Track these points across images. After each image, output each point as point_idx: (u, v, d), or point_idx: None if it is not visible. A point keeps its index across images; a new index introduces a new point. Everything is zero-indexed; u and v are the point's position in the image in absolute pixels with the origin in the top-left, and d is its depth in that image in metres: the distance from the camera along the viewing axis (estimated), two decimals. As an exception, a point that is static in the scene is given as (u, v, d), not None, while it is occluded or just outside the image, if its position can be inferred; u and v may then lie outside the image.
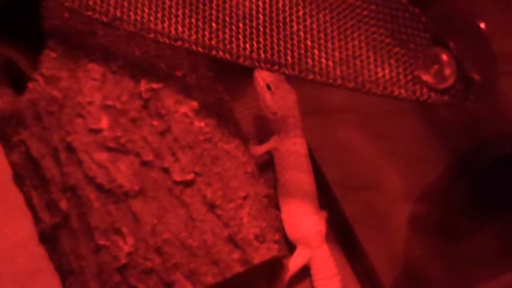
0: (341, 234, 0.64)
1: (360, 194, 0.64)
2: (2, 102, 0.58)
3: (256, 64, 0.52)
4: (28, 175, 0.57)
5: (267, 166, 0.64)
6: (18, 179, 0.59)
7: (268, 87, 0.61)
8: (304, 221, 0.60)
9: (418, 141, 0.64)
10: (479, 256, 0.61)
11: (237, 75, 0.68)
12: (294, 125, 0.62)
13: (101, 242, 0.53)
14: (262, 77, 0.62)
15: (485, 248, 0.61)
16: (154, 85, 0.55)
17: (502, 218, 0.59)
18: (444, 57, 0.50)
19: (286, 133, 0.62)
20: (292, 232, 0.60)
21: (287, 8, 0.53)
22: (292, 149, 0.61)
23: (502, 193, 0.58)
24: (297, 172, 0.60)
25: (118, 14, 0.52)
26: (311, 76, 0.52)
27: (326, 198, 0.63)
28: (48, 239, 0.57)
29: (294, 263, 0.59)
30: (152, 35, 0.52)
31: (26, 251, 0.58)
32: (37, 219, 0.58)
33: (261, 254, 0.54)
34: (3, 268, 0.58)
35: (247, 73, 0.68)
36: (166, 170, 0.54)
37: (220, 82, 0.61)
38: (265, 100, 0.62)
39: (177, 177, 0.53)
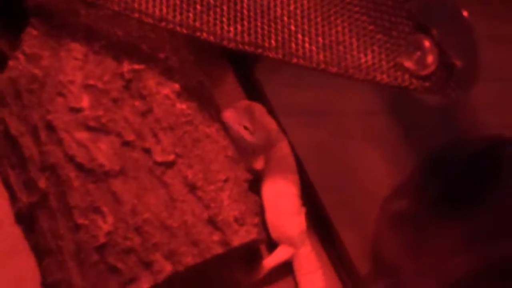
0: (318, 224, 0.64)
1: (339, 190, 0.64)
2: (-19, 80, 0.57)
3: (240, 46, 0.52)
4: (6, 154, 0.57)
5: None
6: (-5, 159, 0.59)
7: (245, 128, 0.59)
8: (289, 222, 0.60)
9: (391, 140, 0.65)
10: (445, 244, 0.62)
11: (216, 62, 0.68)
12: (277, 136, 0.62)
13: (80, 221, 0.52)
14: (234, 121, 0.58)
15: (450, 238, 0.62)
16: (136, 66, 0.55)
17: (468, 211, 0.61)
18: (427, 44, 0.51)
19: (271, 147, 0.61)
20: (276, 233, 0.60)
21: (271, -7, 0.54)
22: (279, 154, 0.61)
23: (471, 188, 0.60)
24: (285, 173, 0.60)
25: (103, -8, 0.51)
26: (294, 60, 0.52)
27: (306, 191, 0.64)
28: (25, 219, 0.57)
29: (274, 259, 0.60)
30: (136, 15, 0.52)
31: (2, 231, 0.58)
32: (13, 199, 0.57)
33: (240, 237, 0.54)
34: (-23, 248, 0.57)
35: (226, 60, 0.68)
36: (147, 151, 0.53)
37: (201, 68, 0.61)
38: (247, 142, 0.59)
39: (158, 157, 0.53)
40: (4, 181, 0.58)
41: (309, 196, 0.63)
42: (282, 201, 0.60)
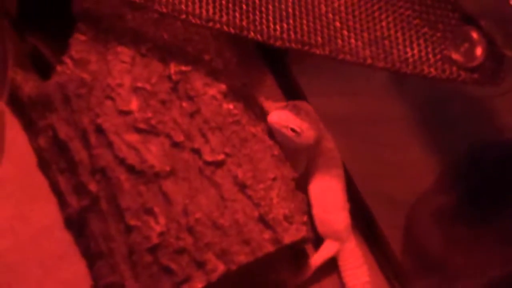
0: (362, 222, 0.64)
1: (380, 188, 0.65)
2: (28, 87, 0.58)
3: (287, 44, 0.53)
4: (55, 160, 0.57)
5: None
6: (43, 165, 0.59)
7: (293, 130, 0.58)
8: (336, 216, 0.60)
9: (427, 139, 0.65)
10: (497, 241, 0.62)
11: (255, 65, 0.68)
12: (322, 132, 0.61)
13: (132, 222, 0.53)
14: (280, 124, 0.58)
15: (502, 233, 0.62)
16: (183, 68, 0.55)
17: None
18: (474, 35, 0.51)
19: (317, 144, 0.61)
20: (323, 227, 0.60)
21: (314, -9, 0.54)
22: (324, 149, 0.61)
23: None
24: (330, 168, 0.60)
25: (150, -5, 0.52)
26: (341, 56, 0.53)
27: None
28: (75, 223, 0.57)
29: (321, 256, 0.60)
30: (183, 16, 0.52)
31: (52, 236, 0.58)
32: (63, 204, 0.58)
33: (291, 234, 0.54)
34: (29, 254, 0.58)
35: (264, 64, 0.69)
36: (196, 151, 0.54)
37: (242, 70, 0.61)
38: (296, 144, 0.58)
39: (208, 157, 0.54)
40: (53, 187, 0.58)
41: (352, 196, 0.63)
42: (329, 196, 0.60)
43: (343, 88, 0.66)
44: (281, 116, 0.58)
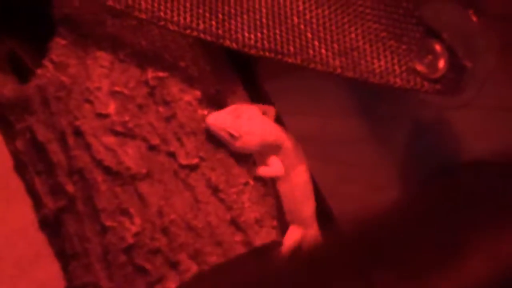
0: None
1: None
2: (7, 90, 0.59)
3: (261, 52, 0.55)
4: (32, 162, 0.59)
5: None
6: (20, 167, 0.60)
7: (230, 134, 0.56)
8: (302, 206, 0.62)
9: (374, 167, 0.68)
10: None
11: (227, 75, 0.70)
12: (278, 137, 0.59)
13: (108, 223, 0.54)
14: (216, 127, 0.56)
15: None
16: (160, 74, 0.57)
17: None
18: (438, 48, 0.54)
19: (276, 148, 0.59)
20: (291, 215, 0.61)
21: (287, 3, 0.57)
22: (286, 152, 0.61)
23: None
24: (295, 167, 0.62)
25: (130, 2, 0.54)
26: (312, 65, 0.55)
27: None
28: (50, 224, 0.58)
29: (289, 241, 0.61)
30: (162, 23, 0.54)
31: (27, 237, 0.59)
32: (38, 205, 0.59)
33: (261, 237, 0.56)
34: (3, 254, 0.59)
35: (236, 74, 0.71)
36: (172, 154, 0.55)
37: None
38: (235, 147, 0.57)
39: (183, 161, 0.55)
40: (29, 189, 0.59)
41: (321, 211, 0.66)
42: (295, 190, 0.61)
43: (313, 108, 0.68)
44: (218, 118, 0.56)
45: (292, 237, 0.61)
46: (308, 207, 0.62)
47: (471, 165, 0.65)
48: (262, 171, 0.59)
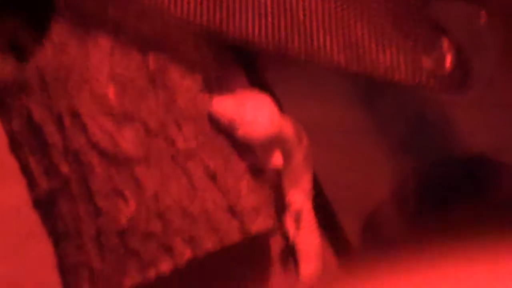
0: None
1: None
2: (6, 70, 0.58)
3: (265, 46, 0.54)
4: (27, 142, 0.58)
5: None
6: (15, 146, 0.59)
7: (232, 122, 0.54)
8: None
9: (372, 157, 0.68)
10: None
11: (230, 66, 0.70)
12: (282, 129, 0.57)
13: (102, 204, 0.54)
14: (221, 114, 0.54)
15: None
16: (161, 58, 0.56)
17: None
18: (444, 44, 0.53)
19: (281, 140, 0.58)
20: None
21: (293, -3, 0.56)
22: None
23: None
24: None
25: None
26: (316, 59, 0.55)
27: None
28: (43, 204, 0.58)
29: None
30: (166, 11, 0.54)
31: (19, 216, 0.58)
32: (32, 185, 0.58)
33: (258, 225, 0.55)
34: (-4, 232, 0.58)
35: (239, 66, 0.70)
36: (170, 139, 0.55)
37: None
38: (238, 136, 0.55)
39: (181, 146, 0.55)
40: (23, 168, 0.59)
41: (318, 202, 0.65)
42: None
43: (314, 95, 0.68)
44: (222, 103, 0.54)
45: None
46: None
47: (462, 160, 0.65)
48: (265, 164, 0.58)
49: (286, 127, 0.58)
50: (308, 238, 0.61)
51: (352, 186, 0.67)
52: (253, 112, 0.54)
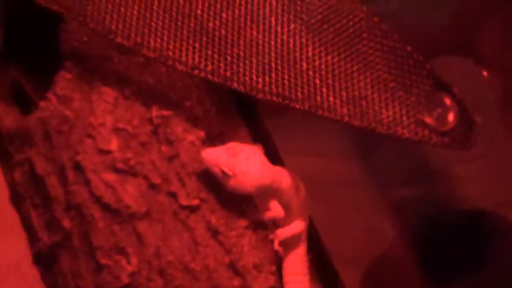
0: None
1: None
2: (8, 120, 0.58)
3: (268, 97, 0.54)
4: (29, 194, 0.58)
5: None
6: (16, 199, 0.59)
7: (223, 171, 0.54)
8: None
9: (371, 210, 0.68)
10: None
11: (231, 117, 0.70)
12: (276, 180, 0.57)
13: (103, 261, 0.53)
14: (212, 162, 0.54)
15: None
16: (165, 112, 0.56)
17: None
18: (447, 101, 0.53)
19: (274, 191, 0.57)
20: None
21: (297, 49, 0.56)
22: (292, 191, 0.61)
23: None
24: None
25: (139, 40, 0.53)
26: (320, 112, 0.55)
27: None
28: (44, 259, 0.57)
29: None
30: (170, 62, 0.54)
31: (19, 271, 0.58)
32: (33, 239, 0.58)
33: (259, 283, 0.55)
34: (-6, 287, 0.57)
35: (239, 116, 0.71)
36: (173, 195, 0.55)
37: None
38: (229, 186, 0.54)
39: (184, 201, 0.54)
40: (24, 222, 0.59)
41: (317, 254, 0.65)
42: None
43: (313, 147, 0.68)
44: (213, 153, 0.54)
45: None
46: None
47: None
48: (263, 215, 0.58)
49: (281, 177, 0.58)
50: (298, 283, 0.60)
51: (352, 239, 0.67)
52: (245, 163, 0.54)
